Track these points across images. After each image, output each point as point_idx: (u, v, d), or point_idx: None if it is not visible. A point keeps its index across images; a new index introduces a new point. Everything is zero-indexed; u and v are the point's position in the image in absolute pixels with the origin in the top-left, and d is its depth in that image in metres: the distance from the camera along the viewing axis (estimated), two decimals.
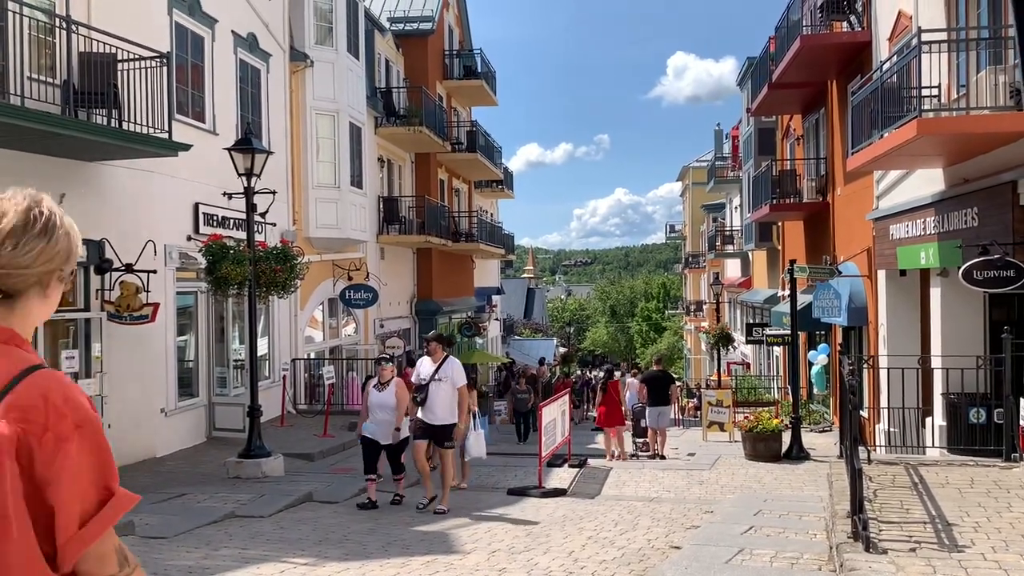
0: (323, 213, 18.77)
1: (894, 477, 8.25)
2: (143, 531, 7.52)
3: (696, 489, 11.17)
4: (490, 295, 37.65)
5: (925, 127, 9.44)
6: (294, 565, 6.53)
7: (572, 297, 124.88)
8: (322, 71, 18.71)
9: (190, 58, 14.06)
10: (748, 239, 30.02)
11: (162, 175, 12.60)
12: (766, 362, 29.44)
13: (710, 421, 17.58)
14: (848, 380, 7.69)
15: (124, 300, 11.56)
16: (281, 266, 13.07)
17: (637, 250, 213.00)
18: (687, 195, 59.24)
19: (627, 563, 6.57)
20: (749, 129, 29.80)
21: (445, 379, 9.37)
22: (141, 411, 12.21)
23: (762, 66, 22.09)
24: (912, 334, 13.54)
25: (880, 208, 14.37)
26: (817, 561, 5.98)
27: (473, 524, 8.48)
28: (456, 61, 29.43)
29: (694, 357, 55.67)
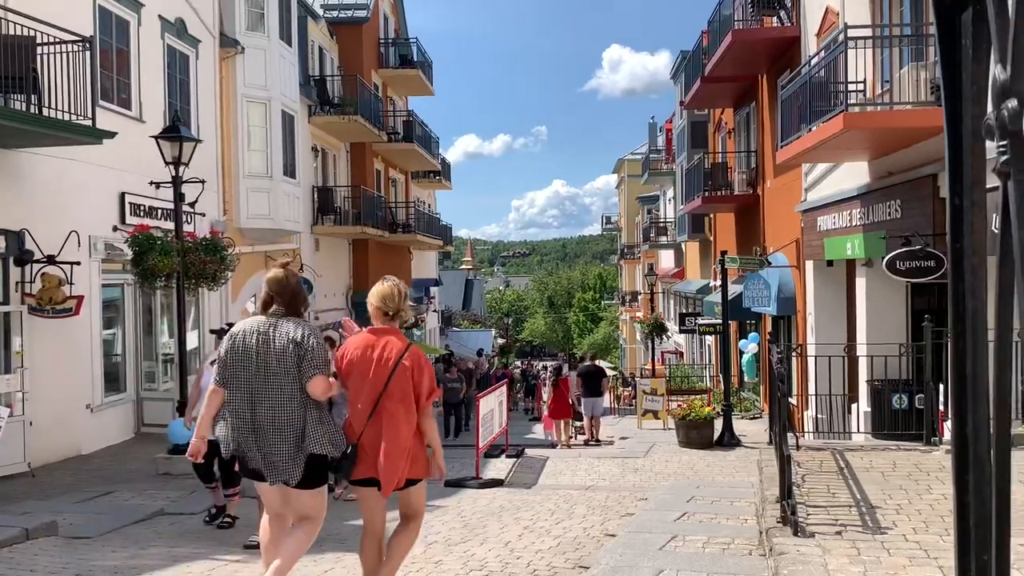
0: (255, 203, 18.40)
1: (821, 462, 8.47)
2: (67, 531, 7.29)
3: (631, 477, 11.31)
4: (428, 286, 37.48)
5: (851, 121, 9.70)
6: (225, 563, 6.40)
7: (510, 288, 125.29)
8: (253, 58, 18.31)
9: (115, 43, 13.62)
10: (681, 231, 30.47)
11: (86, 163, 12.19)
12: (699, 351, 29.97)
13: (645, 409, 17.82)
14: (777, 368, 7.86)
15: (46, 293, 11.16)
16: (211, 257, 12.77)
17: (574, 241, 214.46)
18: (622, 187, 59.83)
19: (563, 552, 6.61)
20: (682, 122, 30.20)
21: None
22: (66, 407, 11.83)
23: (695, 60, 22.39)
24: (839, 323, 13.91)
25: (808, 200, 14.72)
26: (748, 546, 6.11)
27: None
28: (392, 50, 29.12)
29: (629, 347, 56.35)
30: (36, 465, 10.86)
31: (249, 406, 4.39)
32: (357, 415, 4.41)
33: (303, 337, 4.41)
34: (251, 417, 4.39)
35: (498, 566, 6.22)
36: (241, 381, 4.42)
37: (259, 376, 4.39)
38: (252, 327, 4.49)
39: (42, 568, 6.26)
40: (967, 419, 1.10)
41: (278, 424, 4.35)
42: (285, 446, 4.35)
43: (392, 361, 4.37)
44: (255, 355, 4.41)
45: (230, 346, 4.49)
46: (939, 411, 9.49)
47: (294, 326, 4.47)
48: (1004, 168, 0.97)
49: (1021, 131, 0.95)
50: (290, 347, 4.37)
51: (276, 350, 4.39)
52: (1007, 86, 0.96)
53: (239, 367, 4.43)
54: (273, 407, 4.37)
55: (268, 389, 4.38)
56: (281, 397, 4.36)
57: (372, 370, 4.38)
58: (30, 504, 8.47)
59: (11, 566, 6.31)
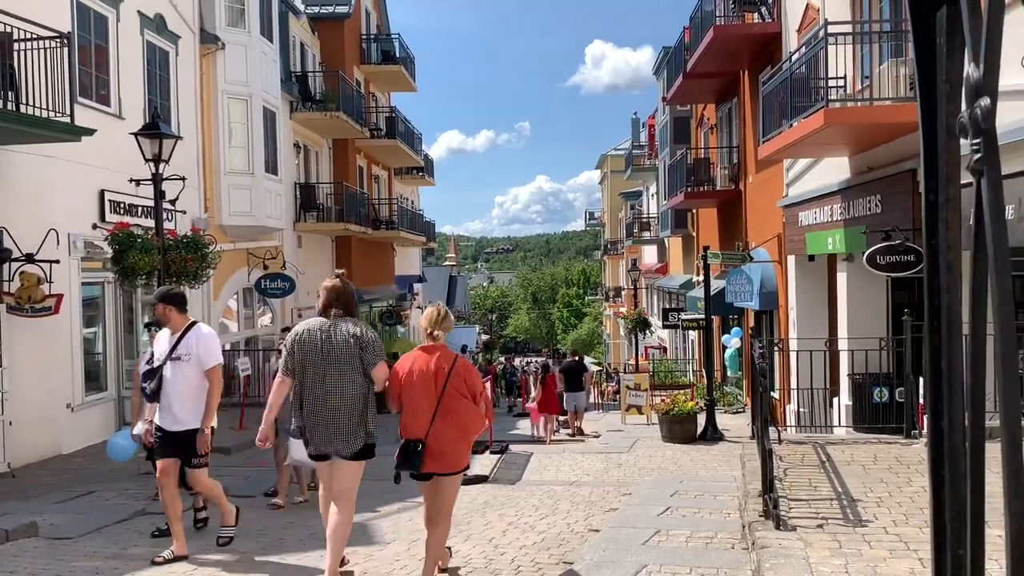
0: (236, 200, 18.28)
1: (803, 456, 8.53)
2: (47, 532, 7.23)
3: (615, 472, 11.34)
4: (412, 283, 37.41)
5: (831, 117, 9.76)
6: (208, 562, 6.37)
7: (494, 284, 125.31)
8: (234, 54, 18.19)
9: (93, 39, 13.49)
10: (664, 226, 30.58)
11: (65, 161, 12.07)
12: (682, 346, 30.09)
13: (628, 404, 17.87)
14: (759, 363, 7.91)
15: (25, 291, 11.05)
16: (192, 255, 12.68)
17: (558, 237, 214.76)
18: (606, 183, 59.95)
19: (547, 548, 6.63)
20: (665, 118, 30.29)
21: (188, 357, 6.29)
22: (46, 407, 11.72)
23: (677, 56, 22.44)
24: (820, 317, 14.01)
25: (790, 195, 14.81)
26: (731, 539, 6.15)
27: (394, 514, 8.44)
28: (374, 46, 29.02)
29: (613, 342, 56.51)
30: (16, 465, 10.76)
31: (317, 392, 5.23)
32: (417, 418, 5.22)
33: (362, 333, 5.30)
34: (320, 400, 5.24)
35: (482, 562, 6.23)
36: (309, 372, 5.24)
37: (324, 367, 5.21)
38: (315, 326, 5.33)
39: (23, 570, 6.21)
40: (942, 414, 1.11)
41: (341, 405, 5.23)
42: (346, 423, 5.25)
43: (445, 371, 5.23)
44: (320, 350, 5.22)
45: (297, 343, 5.29)
46: (919, 404, 9.58)
47: (352, 324, 5.33)
48: (977, 166, 0.98)
49: (993, 129, 0.96)
50: (351, 341, 5.22)
51: (338, 344, 5.22)
52: (980, 84, 0.97)
53: (307, 360, 5.25)
54: (337, 392, 5.22)
55: (332, 377, 5.22)
56: (343, 383, 5.22)
57: (430, 381, 5.22)
58: (10, 505, 8.39)
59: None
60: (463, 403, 5.27)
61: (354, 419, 5.27)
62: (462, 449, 5.35)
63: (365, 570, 6.11)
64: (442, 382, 5.19)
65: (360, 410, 5.27)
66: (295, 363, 5.28)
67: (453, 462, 5.30)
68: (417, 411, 5.22)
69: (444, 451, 5.20)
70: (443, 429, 5.18)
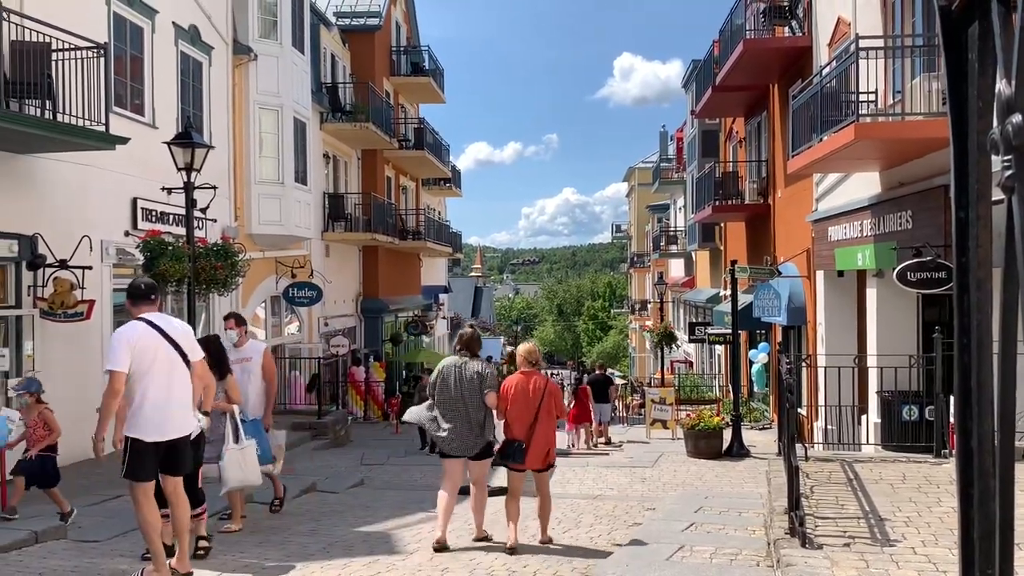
0: (266, 209, 18.47)
1: (830, 473, 8.44)
2: (76, 534, 7.32)
3: (639, 486, 11.27)
4: (437, 294, 37.51)
5: (862, 131, 9.68)
6: (232, 567, 6.41)
7: (520, 296, 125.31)
8: (266, 65, 18.42)
9: (129, 49, 13.72)
10: (692, 239, 30.43)
11: (99, 169, 12.27)
12: (708, 361, 29.88)
13: (653, 419, 17.77)
14: (786, 379, 7.84)
15: (58, 297, 11.22)
16: (222, 263, 12.82)
17: (584, 249, 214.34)
18: (633, 196, 59.81)
19: (569, 560, 6.60)
20: (693, 131, 30.19)
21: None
22: (77, 411, 11.84)
23: (706, 69, 22.38)
24: (849, 333, 13.86)
25: (819, 210, 14.69)
26: (756, 557, 6.09)
27: (416, 524, 8.44)
28: (403, 58, 29.24)
29: (639, 355, 56.22)
30: None
31: (453, 410, 6.93)
32: (519, 424, 6.94)
33: (483, 369, 7.04)
34: (454, 416, 6.92)
35: (504, 574, 6.21)
36: (447, 396, 6.98)
37: (458, 392, 6.93)
38: (453, 363, 7.10)
39: (50, 571, 6.29)
40: (972, 433, 1.10)
41: (470, 421, 6.93)
42: (473, 434, 6.96)
43: (541, 391, 6.99)
44: (454, 380, 6.96)
45: (442, 375, 7.06)
46: (949, 423, 9.44)
47: (477, 363, 7.09)
48: (1008, 183, 0.97)
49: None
50: (476, 377, 6.94)
51: (468, 378, 6.94)
52: (1012, 101, 0.96)
53: (447, 387, 6.99)
54: (467, 411, 6.92)
55: (463, 401, 6.92)
56: (471, 405, 6.91)
57: (528, 397, 6.95)
58: (40, 507, 8.50)
59: (19, 569, 6.34)
60: (552, 415, 7.05)
61: (477, 430, 6.94)
62: (550, 451, 7.09)
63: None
64: (538, 398, 6.95)
65: (481, 423, 6.95)
66: (436, 389, 7.03)
67: (546, 459, 7.09)
68: (519, 419, 6.93)
69: (539, 451, 6.96)
70: (539, 433, 6.92)
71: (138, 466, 5.76)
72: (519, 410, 6.92)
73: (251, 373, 8.04)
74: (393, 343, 27.93)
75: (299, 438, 15.14)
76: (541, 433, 6.92)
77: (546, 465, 7.12)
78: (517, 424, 6.92)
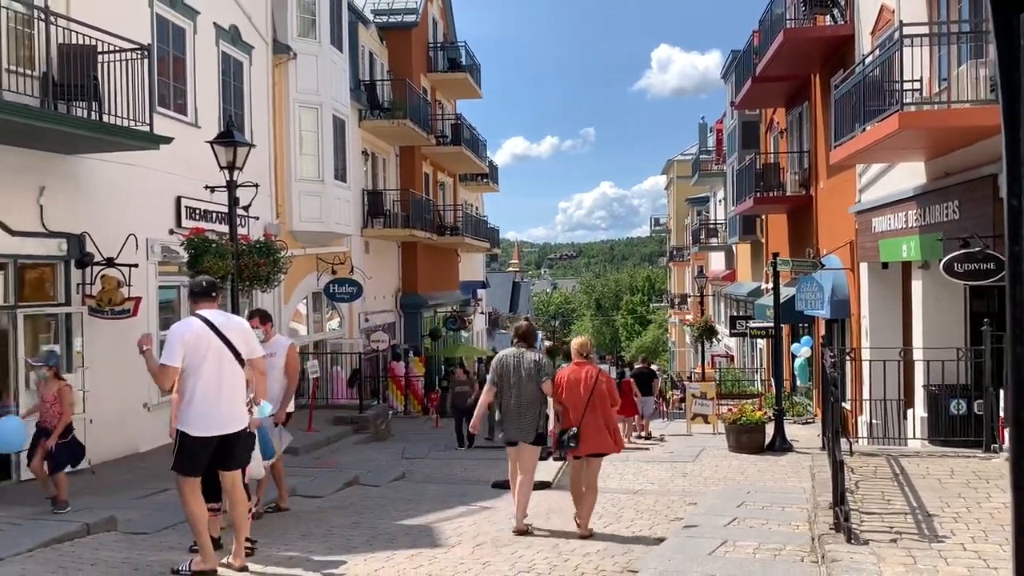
0: (306, 206, 18.67)
1: (876, 468, 8.32)
2: (125, 527, 7.48)
3: (680, 481, 11.21)
4: (475, 289, 37.63)
5: (907, 121, 9.50)
6: (278, 560, 6.51)
7: (557, 290, 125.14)
8: (305, 64, 18.60)
9: (171, 50, 13.94)
10: (732, 232, 30.13)
11: (144, 168, 12.50)
12: (750, 355, 29.60)
13: (694, 413, 17.66)
14: (830, 372, 7.74)
15: (105, 294, 11.47)
16: (264, 260, 13.00)
17: (622, 243, 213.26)
18: (672, 189, 59.39)
19: (611, 555, 6.59)
20: (733, 122, 29.88)
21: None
22: (123, 406, 12.14)
23: (746, 59, 22.12)
24: (894, 326, 13.63)
25: (863, 201, 14.46)
26: (799, 552, 6.02)
27: (458, 518, 8.49)
28: (440, 54, 29.33)
29: (678, 350, 55.89)
30: (96, 462, 11.17)
31: (512, 398, 7.38)
32: (575, 412, 7.28)
33: (539, 359, 7.46)
34: (513, 404, 7.37)
35: (546, 568, 6.22)
36: (506, 385, 7.41)
37: (516, 381, 7.37)
38: (511, 353, 7.56)
39: (102, 562, 6.44)
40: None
41: (526, 408, 7.35)
42: (529, 420, 7.37)
43: (592, 380, 7.35)
44: (512, 369, 7.39)
45: (499, 364, 7.53)
46: (999, 417, 9.24)
47: (533, 354, 7.51)
48: None
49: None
50: (532, 366, 7.36)
51: (525, 368, 7.37)
52: None
53: (506, 376, 7.43)
54: (524, 399, 7.34)
55: (521, 389, 7.35)
56: (528, 394, 7.34)
57: (581, 386, 7.32)
58: (90, 500, 8.71)
59: (73, 560, 6.50)
60: (605, 403, 7.38)
61: (533, 417, 7.36)
62: (605, 438, 7.36)
63: (430, 572, 6.17)
64: (590, 388, 7.30)
65: (536, 411, 7.35)
66: (497, 377, 7.45)
67: (599, 446, 7.38)
68: (573, 408, 7.29)
69: (592, 437, 7.28)
70: (590, 421, 7.27)
71: (186, 460, 5.88)
72: (572, 399, 7.30)
73: (275, 368, 8.02)
74: (432, 338, 28.08)
75: (341, 432, 15.30)
76: (593, 420, 7.27)
77: (601, 451, 7.45)
78: (571, 412, 7.31)
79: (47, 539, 6.91)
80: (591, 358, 7.67)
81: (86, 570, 6.21)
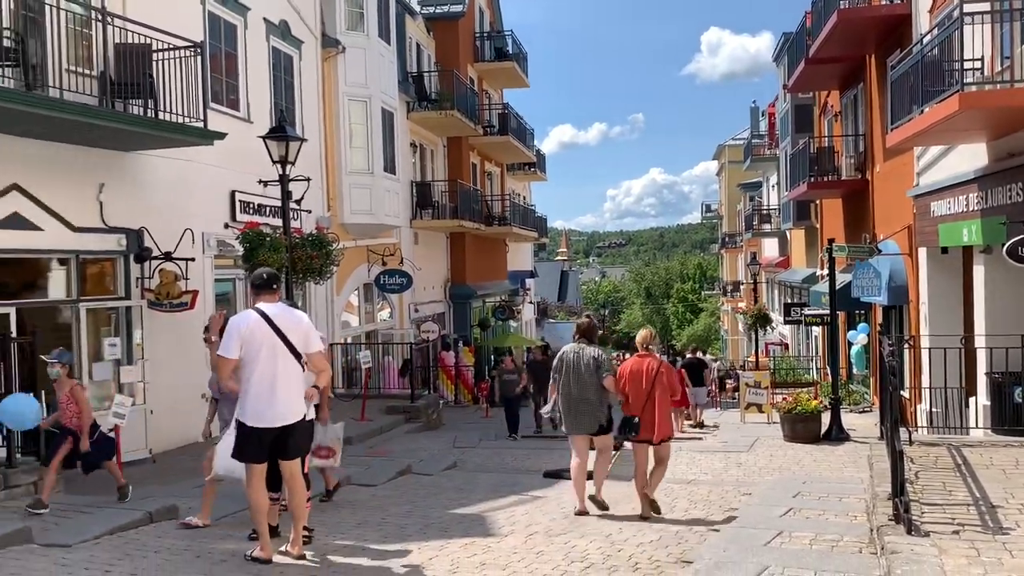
0: (357, 199, 18.85)
1: (936, 458, 8.13)
2: (187, 515, 7.65)
3: (734, 471, 11.10)
4: (523, 278, 37.61)
5: (967, 101, 9.22)
6: (334, 548, 6.61)
7: (606, 279, 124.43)
8: (354, 57, 18.74)
9: (223, 47, 14.16)
10: (786, 218, 29.64)
11: (199, 164, 12.74)
12: (805, 342, 29.13)
13: (748, 403, 17.44)
14: (889, 360, 7.56)
15: (164, 288, 11.73)
16: (317, 252, 13.15)
17: (672, 231, 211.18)
18: (723, 174, 58.60)
19: (665, 546, 6.55)
20: (786, 106, 29.34)
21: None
22: (182, 396, 12.40)
23: (799, 41, 21.69)
24: (955, 313, 13.29)
25: (921, 185, 14.10)
26: (858, 543, 5.92)
27: (510, 507, 8.52)
28: (487, 43, 29.30)
29: (731, 338, 55.24)
30: (156, 451, 11.47)
31: (572, 391, 7.75)
32: (637, 401, 7.69)
33: (598, 355, 7.83)
34: (574, 397, 7.76)
35: (599, 558, 6.21)
36: (568, 378, 7.78)
37: (576, 375, 7.74)
38: (572, 349, 7.94)
39: (165, 549, 6.61)
40: None
41: (586, 401, 7.73)
42: (590, 412, 7.77)
43: (654, 371, 7.70)
44: (573, 364, 7.78)
45: (561, 359, 7.95)
46: None
47: (593, 349, 7.88)
48: None
49: None
50: (592, 362, 7.74)
51: (585, 363, 7.75)
52: None
53: (568, 371, 7.81)
54: (584, 392, 7.72)
55: (581, 382, 7.71)
56: (588, 387, 7.70)
57: (643, 378, 7.69)
58: (152, 488, 8.94)
59: (137, 547, 6.68)
60: (666, 393, 7.78)
61: (594, 408, 7.76)
62: (668, 423, 7.88)
63: (484, 561, 6.21)
64: (652, 378, 7.66)
65: (598, 403, 7.74)
66: (558, 373, 7.87)
67: (662, 432, 7.78)
68: (635, 397, 7.70)
69: (654, 424, 7.66)
70: (651, 410, 7.65)
71: (243, 447, 6.04)
72: (635, 389, 7.71)
73: None
74: (481, 328, 28.17)
75: (393, 421, 15.45)
76: (654, 409, 7.65)
77: (664, 437, 7.80)
78: (633, 402, 7.72)
79: (113, 527, 7.12)
80: (652, 349, 7.98)
81: (150, 557, 6.38)
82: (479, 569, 5.94)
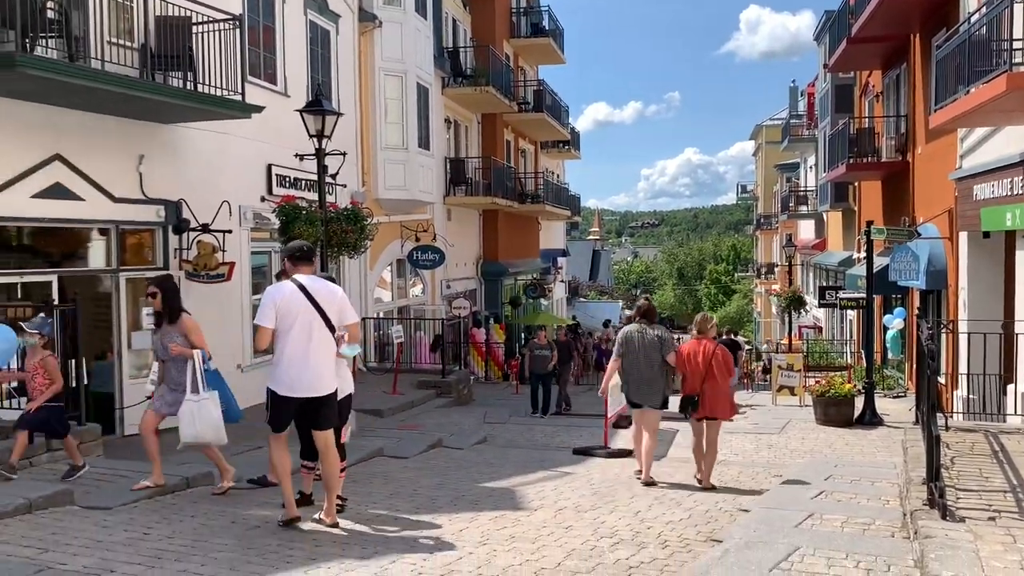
0: (391, 174, 18.90)
1: (973, 444, 8.02)
2: (218, 482, 7.78)
3: (765, 453, 11.06)
4: (555, 257, 37.55)
5: (1016, 82, 8.99)
6: (367, 517, 6.70)
7: (639, 259, 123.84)
8: (390, 31, 18.72)
9: (261, 20, 14.21)
10: (823, 200, 29.22)
11: (236, 137, 12.84)
12: (839, 326, 28.81)
13: (780, 385, 17.32)
14: (927, 343, 7.46)
15: (201, 259, 11.88)
16: (351, 227, 13.23)
17: (707, 211, 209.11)
18: (760, 155, 57.85)
19: (694, 524, 6.56)
20: (826, 86, 28.84)
21: None
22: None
23: (840, 20, 21.28)
24: (995, 298, 13.05)
25: (964, 167, 13.82)
26: (890, 527, 5.88)
27: (540, 482, 8.56)
28: (523, 19, 29.11)
29: (764, 320, 54.78)
30: None
31: (637, 368, 8.32)
32: (693, 381, 8.21)
33: (661, 334, 8.39)
34: (639, 373, 8.31)
35: (628, 534, 6.23)
36: (632, 357, 8.35)
37: (641, 354, 8.29)
38: (635, 329, 8.46)
39: (202, 514, 6.75)
40: None
41: (651, 377, 8.29)
42: (655, 387, 8.33)
43: (710, 352, 8.21)
44: (638, 344, 8.31)
45: (626, 339, 8.41)
46: None
47: (655, 329, 8.42)
48: None
49: None
50: (656, 340, 8.28)
51: (648, 341, 8.28)
52: None
53: (631, 350, 8.34)
54: (648, 369, 8.28)
55: (645, 360, 8.27)
56: (651, 364, 8.27)
57: (700, 358, 8.20)
58: (188, 455, 9.09)
59: (175, 511, 6.83)
60: (722, 373, 8.22)
61: (657, 384, 8.30)
62: (721, 403, 8.27)
63: (513, 534, 6.25)
64: (708, 359, 8.16)
65: (660, 379, 8.28)
66: (623, 350, 8.36)
67: (717, 411, 8.25)
68: (693, 377, 8.20)
69: (710, 403, 8.18)
70: (709, 388, 8.17)
71: (274, 415, 6.15)
72: (693, 370, 8.21)
73: None
74: (512, 306, 28.20)
75: (424, 396, 15.57)
76: (712, 388, 8.16)
77: (719, 416, 8.30)
78: (692, 381, 8.21)
79: (151, 491, 7.27)
80: (708, 332, 8.47)
81: (187, 521, 6.51)
82: (508, 542, 5.99)
